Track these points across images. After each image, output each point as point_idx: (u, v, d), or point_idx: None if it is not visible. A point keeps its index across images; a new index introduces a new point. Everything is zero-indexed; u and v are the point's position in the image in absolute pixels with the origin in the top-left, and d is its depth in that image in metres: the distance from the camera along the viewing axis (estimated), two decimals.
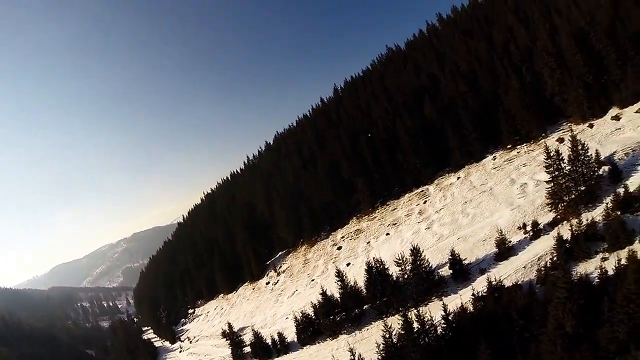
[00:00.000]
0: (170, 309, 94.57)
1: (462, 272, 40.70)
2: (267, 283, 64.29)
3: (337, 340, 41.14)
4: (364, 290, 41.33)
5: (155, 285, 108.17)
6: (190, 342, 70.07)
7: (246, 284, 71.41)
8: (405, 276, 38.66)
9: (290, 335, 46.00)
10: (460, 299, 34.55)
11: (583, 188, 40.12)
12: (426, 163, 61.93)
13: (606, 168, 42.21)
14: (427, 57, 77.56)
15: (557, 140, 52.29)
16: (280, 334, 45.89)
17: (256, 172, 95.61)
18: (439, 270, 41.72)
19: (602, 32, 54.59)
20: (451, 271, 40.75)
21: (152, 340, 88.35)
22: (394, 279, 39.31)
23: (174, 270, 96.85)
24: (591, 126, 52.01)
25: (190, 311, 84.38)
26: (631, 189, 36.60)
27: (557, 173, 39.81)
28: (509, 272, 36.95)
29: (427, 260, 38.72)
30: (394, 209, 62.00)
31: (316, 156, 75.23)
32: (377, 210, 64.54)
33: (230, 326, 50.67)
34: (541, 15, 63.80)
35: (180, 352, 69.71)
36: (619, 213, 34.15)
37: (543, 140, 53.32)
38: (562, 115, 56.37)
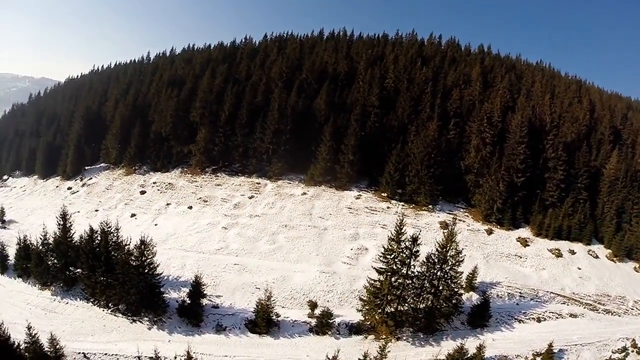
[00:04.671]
0: None
1: (193, 312, 25.72)
2: (69, 188, 54.65)
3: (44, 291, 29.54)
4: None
5: None
6: None
7: (58, 177, 60.02)
8: (128, 267, 25.53)
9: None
10: None
11: (423, 306, 25.27)
12: (284, 156, 46.00)
13: (474, 297, 29.24)
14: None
15: (440, 223, 38.25)
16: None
17: (146, 70, 78.03)
18: (180, 287, 28.16)
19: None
20: (189, 300, 25.93)
21: None
22: (121, 261, 25.99)
23: (18, 129, 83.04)
24: (490, 232, 38.52)
25: (5, 177, 71.71)
26: (488, 354, 22.10)
27: (395, 267, 24.15)
28: None
29: (158, 265, 26.04)
30: (219, 185, 46.56)
31: (187, 84, 58.52)
32: (203, 176, 48.79)
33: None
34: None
35: None
36: None
37: (427, 211, 39.15)
38: (462, 197, 42.72)
